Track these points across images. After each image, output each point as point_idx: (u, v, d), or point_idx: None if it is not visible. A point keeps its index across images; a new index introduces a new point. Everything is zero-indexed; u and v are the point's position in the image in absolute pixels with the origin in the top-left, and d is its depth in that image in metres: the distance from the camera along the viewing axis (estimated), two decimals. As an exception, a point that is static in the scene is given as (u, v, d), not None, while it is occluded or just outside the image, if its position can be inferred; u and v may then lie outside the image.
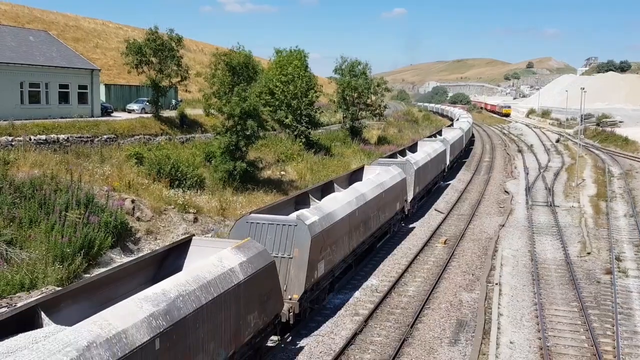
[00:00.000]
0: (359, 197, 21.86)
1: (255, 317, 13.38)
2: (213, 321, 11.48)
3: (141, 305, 9.77)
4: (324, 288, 18.74)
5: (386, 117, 74.60)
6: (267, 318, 14.02)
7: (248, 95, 32.16)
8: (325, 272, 18.04)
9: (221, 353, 11.89)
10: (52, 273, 17.42)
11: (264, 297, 13.77)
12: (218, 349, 11.74)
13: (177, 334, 10.19)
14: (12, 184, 20.87)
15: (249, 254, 13.50)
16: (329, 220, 18.33)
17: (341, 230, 19.32)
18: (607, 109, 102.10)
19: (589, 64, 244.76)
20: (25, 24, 59.42)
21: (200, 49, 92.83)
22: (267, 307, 13.97)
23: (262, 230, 16.58)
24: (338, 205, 19.93)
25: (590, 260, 24.48)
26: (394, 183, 26.73)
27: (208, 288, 11.44)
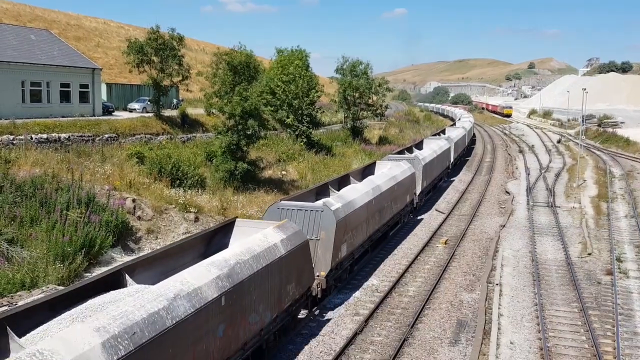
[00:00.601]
0: (375, 188, 23.85)
1: (293, 287, 15.53)
2: (262, 287, 13.68)
3: (209, 269, 12.00)
4: (346, 268, 20.75)
5: (387, 117, 74.59)
6: (301, 289, 16.21)
7: (249, 94, 32.17)
8: (347, 253, 20.05)
9: (267, 315, 14.05)
10: (53, 272, 17.44)
11: (299, 271, 15.95)
12: (265, 311, 13.93)
13: (237, 294, 12.37)
14: (13, 183, 20.90)
15: (287, 232, 15.57)
16: (350, 208, 20.31)
17: (360, 217, 21.21)
18: (609, 109, 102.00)
19: (590, 64, 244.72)
20: (26, 22, 59.47)
21: (201, 48, 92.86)
22: (302, 280, 16.16)
23: (292, 215, 18.23)
24: (357, 194, 21.88)
25: (590, 261, 24.46)
26: (405, 177, 28.62)
27: (258, 259, 13.63)
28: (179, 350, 10.31)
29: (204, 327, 11.14)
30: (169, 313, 10.12)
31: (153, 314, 9.76)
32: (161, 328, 9.76)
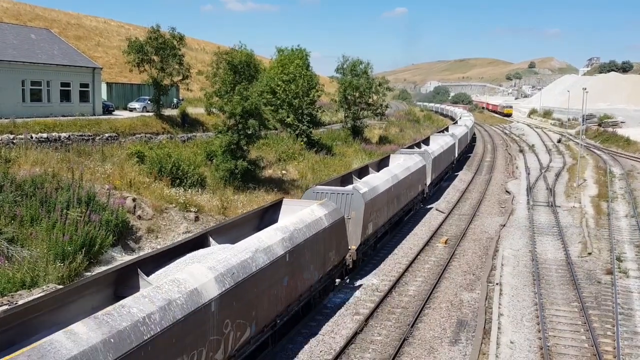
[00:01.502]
0: (393, 177, 27.02)
1: (333, 254, 18.65)
2: (312, 250, 16.75)
3: (276, 233, 15.22)
4: (371, 245, 23.82)
5: (388, 117, 74.57)
6: (339, 258, 19.32)
7: (249, 94, 32.17)
8: (373, 231, 23.11)
9: (315, 274, 17.19)
10: (53, 271, 17.44)
11: (337, 242, 18.98)
12: (314, 271, 17.08)
13: (296, 254, 15.54)
14: (14, 182, 20.90)
15: (329, 209, 18.75)
16: (375, 192, 23.37)
17: (382, 201, 24.32)
18: (609, 109, 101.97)
19: (590, 64, 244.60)
20: (27, 21, 59.48)
21: (201, 48, 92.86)
22: (339, 250, 19.23)
23: (326, 198, 20.66)
24: (379, 181, 24.99)
25: (591, 260, 24.46)
26: (417, 168, 31.92)
27: (309, 228, 16.78)
28: (260, 291, 13.50)
29: (275, 276, 14.34)
30: (253, 261, 13.33)
31: (244, 261, 12.96)
32: (249, 272, 12.95)
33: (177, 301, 10.42)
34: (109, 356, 8.46)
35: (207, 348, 11.22)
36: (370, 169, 29.16)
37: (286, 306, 15.35)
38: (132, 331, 9.08)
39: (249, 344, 13.36)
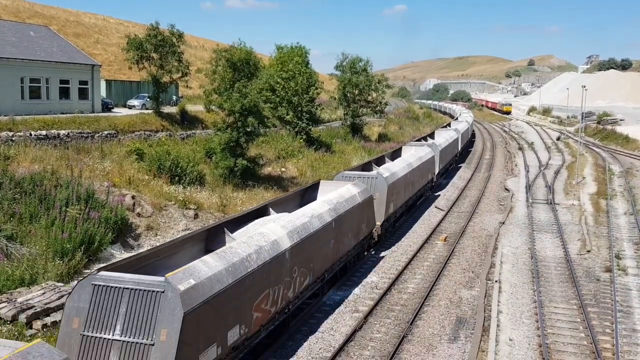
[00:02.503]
0: (409, 165, 30.65)
1: (364, 227, 22.26)
2: (350, 221, 20.32)
3: (324, 204, 18.85)
4: (392, 222, 27.51)
5: (387, 114, 74.49)
6: (368, 230, 22.94)
7: (249, 91, 32.13)
8: (393, 210, 26.71)
9: (352, 241, 20.83)
10: (52, 268, 17.45)
11: (367, 216, 22.66)
12: (350, 239, 20.64)
13: (339, 222, 19.06)
14: (13, 180, 20.88)
15: (361, 188, 22.59)
16: (395, 177, 26.94)
17: (400, 185, 27.73)
18: (608, 107, 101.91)
19: (590, 61, 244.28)
20: (25, 19, 59.35)
21: (201, 45, 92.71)
22: (369, 223, 23.00)
23: (354, 181, 23.59)
24: (397, 168, 28.63)
25: (590, 258, 24.49)
26: (427, 158, 35.53)
27: (347, 202, 20.46)
28: (316, 248, 17.14)
29: (325, 238, 17.89)
30: (310, 225, 16.90)
31: (304, 224, 16.64)
32: (308, 232, 16.58)
33: (265, 247, 14.15)
34: (229, 279, 12.23)
35: (283, 285, 15.02)
36: (385, 158, 32.94)
37: (331, 264, 19.11)
38: (241, 264, 12.90)
39: (307, 290, 17.22)
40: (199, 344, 11.05)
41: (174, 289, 10.55)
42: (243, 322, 12.95)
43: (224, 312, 12.01)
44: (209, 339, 11.42)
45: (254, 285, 13.33)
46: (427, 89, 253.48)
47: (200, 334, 11.08)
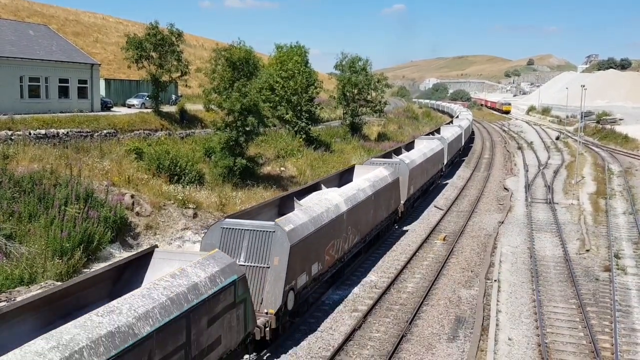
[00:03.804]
0: (424, 154, 35.36)
1: (392, 202, 26.83)
2: (383, 196, 24.76)
3: (365, 181, 23.52)
4: (412, 202, 31.86)
5: (386, 114, 74.47)
6: (395, 206, 27.34)
7: (248, 91, 32.11)
8: (413, 192, 31.20)
9: (384, 214, 25.25)
10: (52, 268, 17.43)
11: (395, 194, 27.26)
12: (383, 211, 25.16)
13: (376, 196, 23.51)
14: (12, 179, 20.87)
15: (391, 170, 27.21)
16: (414, 164, 31.54)
17: (418, 171, 32.25)
18: (608, 106, 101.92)
19: (589, 61, 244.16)
20: (25, 18, 59.31)
21: (200, 44, 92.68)
22: (395, 200, 27.41)
23: (380, 165, 28.07)
24: (415, 157, 33.16)
25: (589, 257, 24.50)
26: (438, 150, 39.97)
27: (381, 181, 25.00)
28: (361, 214, 21.55)
29: (366, 207, 22.14)
30: (358, 195, 21.50)
31: (354, 194, 21.29)
32: (357, 201, 21.14)
33: (331, 209, 18.86)
34: (312, 227, 16.87)
35: (341, 239, 19.48)
36: (402, 149, 37.60)
37: (371, 229, 23.47)
38: (318, 218, 17.67)
39: (355, 247, 21.53)
40: (296, 270, 15.75)
41: (282, 229, 15.32)
42: (319, 261, 17.62)
43: (309, 250, 16.64)
44: (302, 268, 16.20)
45: (326, 235, 17.97)
46: (427, 89, 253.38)
47: (297, 263, 15.78)
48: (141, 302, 9.59)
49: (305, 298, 17.25)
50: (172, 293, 10.24)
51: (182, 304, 10.31)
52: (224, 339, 11.84)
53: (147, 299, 9.74)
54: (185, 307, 10.33)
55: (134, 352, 8.85)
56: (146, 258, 12.34)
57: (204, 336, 11.04)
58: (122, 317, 8.99)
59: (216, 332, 11.51)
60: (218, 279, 11.71)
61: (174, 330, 9.98)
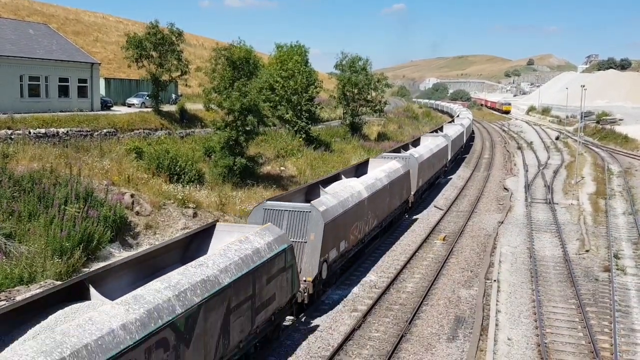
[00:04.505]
0: (431, 149, 38.04)
1: (404, 193, 29.47)
2: (396, 186, 27.33)
3: (381, 173, 26.04)
4: (420, 194, 34.62)
5: (386, 114, 74.44)
6: (406, 196, 30.05)
7: (248, 90, 32.10)
8: (421, 184, 33.90)
9: (397, 202, 27.84)
10: (51, 267, 17.42)
11: (407, 185, 29.86)
12: (397, 200, 27.75)
13: (391, 185, 26.04)
14: (12, 178, 20.85)
15: (402, 163, 29.80)
16: (422, 158, 34.20)
17: (426, 165, 34.85)
18: (607, 106, 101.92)
19: (589, 61, 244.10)
20: (25, 17, 59.29)
21: (200, 44, 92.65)
22: (407, 191, 30.19)
23: (393, 159, 30.47)
24: (423, 152, 36.02)
25: (588, 257, 24.51)
26: (442, 146, 42.60)
27: (395, 172, 27.74)
28: (379, 201, 24.15)
29: (383, 195, 24.75)
30: (376, 184, 24.29)
31: (372, 183, 24.03)
32: (375, 189, 23.85)
33: (354, 194, 21.55)
34: (340, 209, 19.32)
35: (362, 222, 21.97)
36: (409, 145, 40.23)
37: (386, 215, 26.03)
38: (345, 201, 20.21)
39: (373, 230, 24.14)
40: (329, 245, 18.24)
41: (317, 210, 17.91)
42: (346, 239, 20.14)
43: (338, 229, 19.19)
44: (333, 244, 18.77)
45: (351, 217, 20.42)
46: (427, 88, 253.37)
47: (329, 239, 18.25)
48: (221, 260, 12.26)
49: (334, 270, 19.71)
50: (241, 254, 12.88)
51: (249, 263, 12.92)
52: (277, 296, 14.43)
53: (224, 257, 12.44)
54: (251, 265, 12.94)
55: (219, 296, 11.55)
56: (209, 230, 14.81)
57: (264, 291, 13.65)
58: (209, 270, 11.64)
59: (272, 289, 14.10)
60: (273, 246, 14.35)
61: (244, 283, 12.59)
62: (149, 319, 9.41)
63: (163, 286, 10.38)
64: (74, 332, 8.18)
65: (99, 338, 8.32)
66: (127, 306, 9.36)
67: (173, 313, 9.98)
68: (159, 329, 9.50)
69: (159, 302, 9.87)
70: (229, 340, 12.03)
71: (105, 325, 8.63)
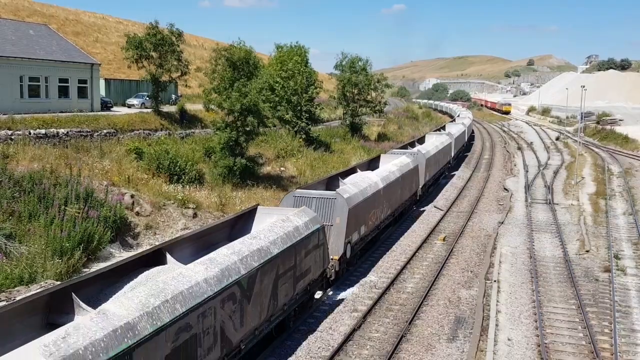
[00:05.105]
0: (436, 146, 40.42)
1: (414, 185, 31.94)
2: (407, 179, 29.64)
3: (394, 166, 28.47)
4: (427, 188, 37.02)
5: (386, 114, 74.44)
6: (415, 188, 32.49)
7: (248, 90, 32.10)
8: (428, 178, 36.18)
9: (407, 194, 29.89)
10: (51, 267, 17.41)
11: (416, 179, 32.32)
12: (407, 191, 29.92)
13: (403, 177, 28.77)
14: (12, 178, 20.86)
15: (412, 158, 31.99)
16: (429, 154, 36.68)
17: (432, 160, 37.27)
18: (608, 107, 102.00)
19: (589, 61, 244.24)
20: (25, 17, 59.32)
21: (200, 44, 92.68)
22: (415, 184, 32.47)
23: (402, 154, 32.49)
24: (430, 148, 38.45)
25: (588, 258, 24.51)
26: (446, 143, 45.03)
27: (406, 166, 29.88)
28: (392, 191, 26.30)
29: (396, 186, 27.16)
30: (389, 176, 26.46)
31: (387, 175, 26.29)
32: (389, 180, 26.07)
33: (372, 184, 23.78)
34: (360, 197, 21.48)
35: (378, 209, 24.17)
36: (415, 142, 42.38)
37: (398, 205, 28.28)
38: (364, 190, 22.49)
39: (387, 219, 26.34)
40: (352, 228, 20.37)
41: (342, 197, 20.15)
42: (365, 224, 22.26)
43: (359, 215, 21.24)
44: (355, 227, 20.89)
45: (369, 205, 22.55)
46: (427, 89, 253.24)
47: (352, 223, 20.33)
48: (270, 234, 14.55)
49: (356, 252, 21.85)
50: (285, 230, 15.15)
51: (292, 238, 15.16)
52: (312, 269, 16.76)
53: (272, 232, 14.71)
54: (293, 240, 15.19)
55: (271, 264, 13.88)
56: (252, 213, 17.04)
57: (302, 263, 15.96)
58: (262, 241, 14.00)
59: (308, 262, 16.41)
60: (309, 225, 16.61)
61: (288, 255, 14.88)
62: (222, 276, 11.80)
63: (230, 252, 12.77)
64: (171, 283, 10.59)
65: (189, 287, 10.74)
66: (205, 266, 11.72)
67: (239, 273, 12.37)
68: (229, 285, 11.90)
69: (228, 264, 12.24)
70: (277, 302, 14.42)
71: (193, 278, 11.03)
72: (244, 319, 12.62)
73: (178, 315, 10.08)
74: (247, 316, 12.75)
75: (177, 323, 10.05)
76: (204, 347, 10.95)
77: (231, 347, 12.19)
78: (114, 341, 8.60)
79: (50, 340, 7.92)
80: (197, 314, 10.64)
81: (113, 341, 8.59)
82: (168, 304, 10.02)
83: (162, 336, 9.64)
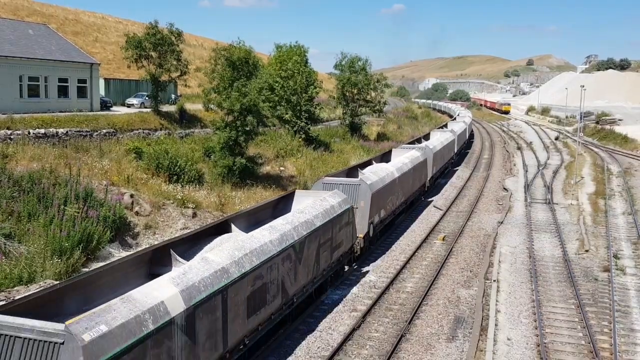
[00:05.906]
0: (441, 142, 43.40)
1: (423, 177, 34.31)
2: (417, 171, 32.04)
3: (406, 158, 31.48)
4: (434, 180, 40.02)
5: (386, 114, 74.41)
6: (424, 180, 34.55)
7: (248, 90, 32.08)
8: (435, 172, 39.09)
9: (417, 184, 32.49)
10: (51, 267, 17.41)
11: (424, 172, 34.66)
12: (417, 182, 32.27)
13: (414, 170, 31.28)
14: (11, 178, 20.85)
15: (421, 151, 34.82)
16: (435, 149, 39.38)
17: (438, 155, 40.07)
18: (607, 106, 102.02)
19: (589, 61, 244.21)
20: (24, 17, 59.27)
21: (200, 44, 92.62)
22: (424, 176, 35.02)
23: (412, 149, 35.51)
24: (436, 144, 41.64)
25: (588, 257, 24.52)
26: (450, 140, 47.98)
27: (416, 159, 32.57)
28: (405, 182, 28.57)
29: (408, 178, 29.32)
30: (403, 168, 29.10)
31: (401, 166, 29.00)
32: (404, 171, 28.89)
33: (389, 174, 26.24)
34: (380, 184, 24.18)
35: (394, 196, 26.49)
36: (422, 139, 46.06)
37: (411, 193, 31.01)
38: (384, 178, 25.18)
39: (400, 206, 28.53)
40: (373, 211, 23.05)
41: (365, 183, 22.89)
42: (384, 208, 24.90)
43: (379, 200, 23.81)
44: (376, 211, 23.58)
45: (387, 192, 25.07)
46: (426, 89, 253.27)
47: (374, 206, 23.02)
48: (313, 210, 17.50)
49: (376, 232, 24.54)
50: (324, 208, 18.09)
51: (329, 214, 18.04)
52: (344, 243, 19.76)
53: (314, 209, 17.66)
54: (330, 216, 18.02)
55: (314, 234, 16.80)
56: (290, 196, 20.19)
57: (337, 237, 18.85)
58: (307, 215, 16.96)
59: (341, 236, 19.34)
60: (342, 205, 19.56)
61: (326, 228, 17.76)
62: (282, 240, 14.75)
63: (284, 222, 15.76)
64: (247, 241, 13.65)
65: (260, 246, 13.75)
66: (269, 231, 14.74)
67: (293, 238, 15.27)
68: (287, 247, 14.84)
69: (285, 231, 15.19)
70: (319, 266, 17.39)
71: (261, 240, 14.09)
72: (297, 277, 15.65)
73: (255, 266, 13.04)
74: (299, 274, 15.78)
75: (255, 272, 13.03)
76: (270, 294, 14.03)
77: (288, 298, 15.22)
78: (216, 279, 11.55)
79: (176, 275, 10.98)
80: (266, 266, 13.65)
81: (215, 279, 11.53)
82: (247, 256, 12.97)
83: (245, 280, 12.62)
